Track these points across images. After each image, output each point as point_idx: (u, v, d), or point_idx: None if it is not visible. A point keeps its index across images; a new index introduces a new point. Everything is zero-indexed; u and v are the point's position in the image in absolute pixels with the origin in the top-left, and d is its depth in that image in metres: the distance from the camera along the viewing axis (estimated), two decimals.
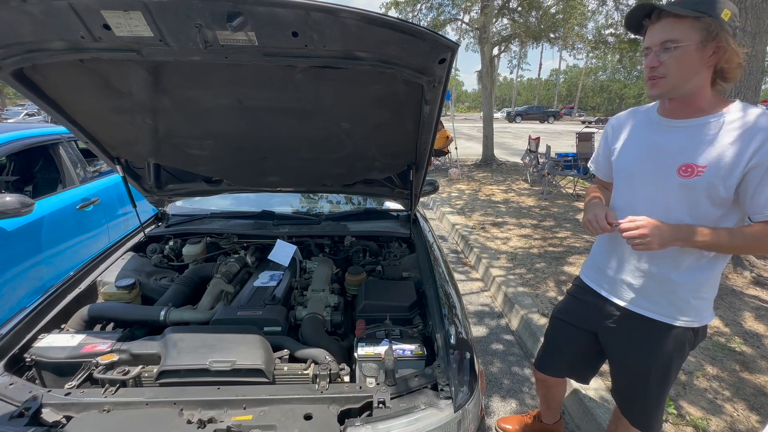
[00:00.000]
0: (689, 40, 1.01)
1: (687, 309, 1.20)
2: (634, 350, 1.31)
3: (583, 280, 1.47)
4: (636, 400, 1.37)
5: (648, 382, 1.30)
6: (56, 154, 2.97)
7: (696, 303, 1.20)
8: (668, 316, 1.22)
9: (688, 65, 1.03)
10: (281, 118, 1.49)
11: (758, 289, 3.37)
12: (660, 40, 1.04)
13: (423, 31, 0.98)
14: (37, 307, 1.37)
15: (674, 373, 1.29)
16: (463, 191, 7.43)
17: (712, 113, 1.08)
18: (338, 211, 2.56)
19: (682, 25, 1.01)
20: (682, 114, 1.13)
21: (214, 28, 0.95)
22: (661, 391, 1.32)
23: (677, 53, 1.02)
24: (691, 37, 1.00)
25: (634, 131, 1.27)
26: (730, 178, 1.05)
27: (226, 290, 1.62)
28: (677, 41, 1.01)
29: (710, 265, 1.17)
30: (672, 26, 1.02)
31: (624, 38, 8.97)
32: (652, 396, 1.33)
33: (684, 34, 1.01)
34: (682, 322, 1.21)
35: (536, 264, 3.95)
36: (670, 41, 1.02)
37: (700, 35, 1.00)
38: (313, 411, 0.99)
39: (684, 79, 1.05)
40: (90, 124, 1.55)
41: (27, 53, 1.10)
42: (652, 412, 1.36)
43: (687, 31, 1.00)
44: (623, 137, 1.30)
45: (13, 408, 0.97)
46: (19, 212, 2.15)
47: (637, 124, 1.27)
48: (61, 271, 2.60)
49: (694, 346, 1.29)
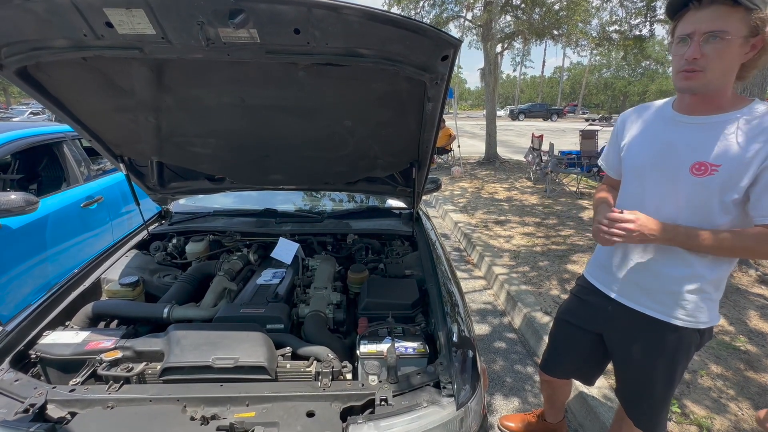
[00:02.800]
0: (738, 33, 0.94)
1: (693, 309, 1.18)
2: (639, 351, 1.29)
3: (587, 279, 1.45)
4: (641, 401, 1.36)
5: (654, 383, 1.29)
6: (60, 152, 2.99)
7: (703, 304, 1.18)
8: (674, 316, 1.20)
9: (729, 60, 0.98)
10: (284, 116, 1.49)
11: (763, 287, 3.34)
12: (708, 28, 0.96)
13: (426, 28, 0.97)
14: (41, 305, 1.38)
15: (679, 375, 1.28)
16: (465, 189, 7.41)
17: (729, 111, 1.05)
18: (341, 209, 2.56)
19: (734, 15, 0.94)
20: (698, 111, 1.09)
21: (216, 25, 0.95)
22: (666, 393, 1.30)
23: (721, 46, 0.96)
24: (740, 30, 0.94)
25: (646, 127, 1.23)
26: (743, 179, 1.02)
27: (229, 288, 1.63)
28: (726, 33, 0.94)
29: (717, 264, 1.14)
30: (724, 15, 0.95)
31: (628, 35, 8.89)
32: (657, 397, 1.31)
33: (734, 26, 0.94)
34: (687, 322, 1.19)
35: (539, 262, 3.94)
36: (719, 31, 0.95)
37: (748, 29, 0.95)
38: (315, 408, 0.99)
39: (722, 74, 1.01)
40: (93, 122, 1.55)
41: (30, 51, 1.11)
42: (657, 414, 1.34)
43: (737, 23, 0.94)
44: (634, 132, 1.26)
45: (19, 404, 0.97)
46: (23, 210, 2.17)
47: (650, 119, 1.23)
48: (66, 268, 2.62)
49: (700, 347, 1.27)
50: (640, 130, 1.25)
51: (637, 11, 8.49)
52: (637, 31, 8.76)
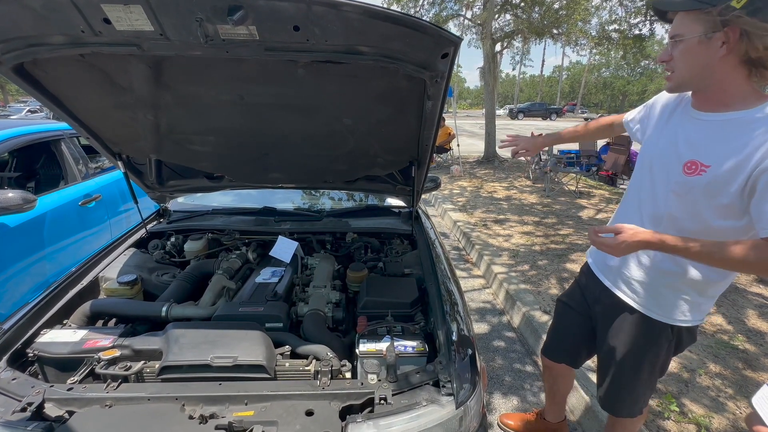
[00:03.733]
0: (691, 33, 0.98)
1: (667, 305, 1.21)
2: (612, 333, 1.35)
3: (587, 260, 1.52)
4: (604, 380, 1.43)
5: (619, 366, 1.35)
6: (58, 150, 2.98)
7: (679, 302, 1.19)
8: (647, 308, 1.25)
9: (693, 59, 1.00)
10: (283, 114, 1.48)
11: (761, 286, 3.35)
12: (671, 33, 1.03)
13: (426, 25, 0.97)
14: (39, 303, 1.37)
15: (648, 365, 1.31)
16: (465, 188, 7.41)
17: (737, 109, 1.00)
18: (340, 207, 2.55)
19: (687, 18, 0.99)
20: (706, 107, 1.08)
21: (215, 22, 0.94)
22: (632, 378, 1.34)
23: (681, 47, 1.01)
24: (693, 30, 0.97)
25: (669, 119, 1.19)
26: (732, 184, 0.96)
27: (227, 286, 1.62)
28: (681, 35, 1.00)
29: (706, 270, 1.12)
30: (680, 20, 1.01)
31: (628, 34, 8.90)
32: (622, 380, 1.37)
33: (687, 28, 0.98)
34: (659, 315, 1.23)
35: (538, 261, 3.94)
36: (677, 35, 1.01)
37: (703, 27, 0.96)
38: (314, 407, 0.99)
39: (692, 73, 1.02)
40: (91, 119, 1.54)
41: (27, 48, 1.10)
42: (617, 394, 1.40)
43: (690, 24, 0.98)
44: (658, 123, 1.23)
45: (16, 403, 0.97)
46: (21, 208, 2.16)
47: (675, 111, 1.19)
48: (64, 267, 2.61)
49: (679, 345, 1.29)
50: (663, 121, 1.21)
51: (637, 10, 8.49)
52: (636, 30, 8.78)
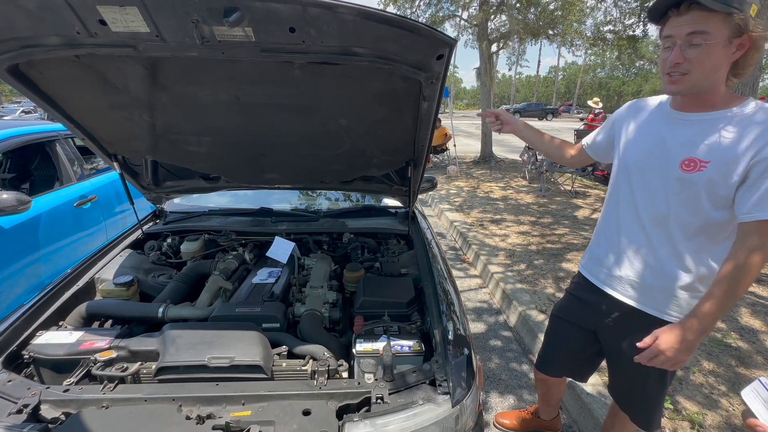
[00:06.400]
0: (719, 35, 0.96)
1: (687, 307, 1.18)
2: (631, 347, 1.28)
3: (582, 274, 1.46)
4: (633, 397, 1.38)
5: (645, 379, 1.30)
6: (53, 151, 2.96)
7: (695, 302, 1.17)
8: (666, 313, 1.21)
9: (713, 62, 1.00)
10: (279, 115, 1.49)
11: (753, 285, 3.38)
12: (687, 31, 0.99)
13: (420, 27, 0.98)
14: (35, 304, 1.36)
15: (672, 372, 1.28)
16: (461, 188, 7.43)
17: (722, 109, 1.06)
18: (337, 208, 2.56)
19: (713, 19, 0.96)
20: (692, 108, 1.11)
21: (211, 23, 0.94)
22: (659, 389, 1.31)
23: (704, 49, 0.98)
24: (721, 33, 0.96)
25: (644, 123, 1.24)
26: (732, 176, 1.02)
27: (224, 287, 1.62)
28: (707, 35, 0.97)
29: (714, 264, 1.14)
30: (703, 19, 0.97)
31: (622, 35, 8.94)
32: (650, 393, 1.32)
33: (715, 29, 0.96)
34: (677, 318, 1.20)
35: (534, 261, 3.96)
36: (698, 33, 0.97)
37: (730, 31, 0.96)
38: (311, 406, 0.99)
39: (707, 76, 1.03)
40: (87, 120, 1.54)
41: (22, 49, 1.09)
42: (650, 409, 1.36)
43: (718, 25, 0.96)
44: (631, 130, 1.26)
45: (12, 405, 0.97)
46: (16, 210, 2.15)
47: (648, 116, 1.24)
48: (59, 268, 2.60)
49: None
50: (637, 127, 1.25)
51: (631, 11, 8.54)
52: (630, 31, 8.82)
